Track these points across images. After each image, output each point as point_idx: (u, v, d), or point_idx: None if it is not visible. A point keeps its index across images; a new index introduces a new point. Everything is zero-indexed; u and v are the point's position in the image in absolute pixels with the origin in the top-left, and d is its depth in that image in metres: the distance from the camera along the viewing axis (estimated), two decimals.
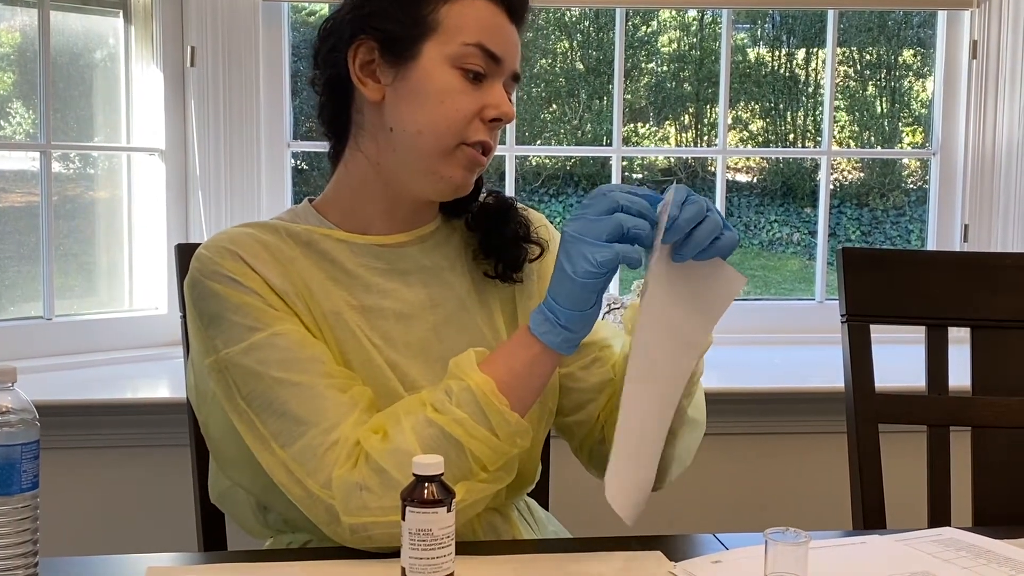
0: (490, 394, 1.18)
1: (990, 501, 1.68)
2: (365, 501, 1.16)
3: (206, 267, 1.26)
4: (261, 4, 2.50)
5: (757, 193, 6.99)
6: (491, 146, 1.32)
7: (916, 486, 1.74)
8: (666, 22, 6.86)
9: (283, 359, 1.22)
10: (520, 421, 1.20)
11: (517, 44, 1.33)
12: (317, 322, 1.28)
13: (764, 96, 6.98)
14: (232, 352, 1.23)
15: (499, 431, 1.18)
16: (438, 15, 1.28)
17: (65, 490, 2.18)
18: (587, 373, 1.43)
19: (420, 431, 1.17)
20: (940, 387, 1.70)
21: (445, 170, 1.30)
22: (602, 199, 1.16)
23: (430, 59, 1.28)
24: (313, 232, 1.33)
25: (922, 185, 6.40)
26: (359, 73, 1.31)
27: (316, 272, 1.31)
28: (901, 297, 1.72)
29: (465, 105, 1.28)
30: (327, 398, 1.21)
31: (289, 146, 2.61)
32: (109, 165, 2.62)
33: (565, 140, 6.73)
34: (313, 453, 1.18)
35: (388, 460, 1.16)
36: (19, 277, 2.50)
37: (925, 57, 6.30)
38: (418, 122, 1.28)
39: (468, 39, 1.27)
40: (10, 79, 2.57)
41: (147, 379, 2.35)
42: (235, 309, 1.24)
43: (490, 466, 1.20)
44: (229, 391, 1.23)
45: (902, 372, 2.01)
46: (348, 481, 1.17)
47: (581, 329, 1.20)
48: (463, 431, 1.17)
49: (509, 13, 1.31)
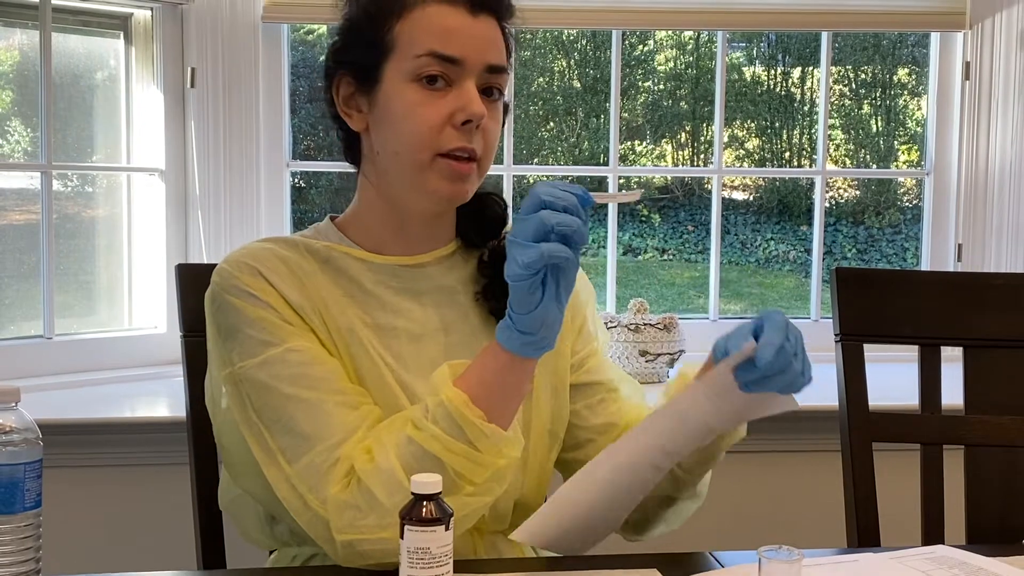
0: (463, 407, 1.18)
1: (983, 519, 1.69)
2: (353, 519, 1.18)
3: (226, 281, 1.28)
4: (261, 25, 2.52)
5: (753, 211, 7.01)
6: (473, 150, 1.29)
7: (910, 504, 1.75)
8: (662, 41, 6.89)
9: (295, 374, 1.24)
10: (498, 431, 1.19)
11: (485, 36, 1.30)
12: (332, 338, 1.30)
13: (760, 114, 7.02)
14: (247, 366, 1.25)
15: (478, 444, 1.18)
16: (392, 34, 1.29)
17: (67, 508, 2.18)
18: (591, 413, 1.44)
19: (401, 450, 1.19)
20: (933, 406, 1.71)
21: (429, 184, 1.30)
22: (529, 197, 1.14)
23: (391, 79, 1.29)
24: (333, 249, 1.35)
25: (917, 203, 6.42)
26: (343, 108, 1.34)
27: (333, 288, 1.32)
28: (894, 316, 1.73)
29: (430, 116, 1.27)
30: (334, 415, 1.22)
31: (288, 166, 2.63)
32: (109, 184, 2.63)
33: (562, 158, 6.75)
34: (316, 470, 1.20)
35: (372, 480, 1.18)
36: (19, 296, 2.51)
37: (920, 76, 6.34)
38: (393, 143, 1.30)
39: (419, 50, 1.27)
40: (8, 97, 2.59)
41: (147, 398, 2.36)
42: (251, 323, 1.26)
43: (476, 479, 1.19)
44: (242, 403, 1.25)
45: (896, 391, 2.02)
46: (340, 500, 1.18)
47: (538, 330, 1.17)
48: (441, 447, 1.17)
49: (470, 8, 1.29)
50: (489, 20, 1.31)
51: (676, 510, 1.42)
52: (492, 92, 1.31)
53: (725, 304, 6.30)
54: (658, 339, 2.46)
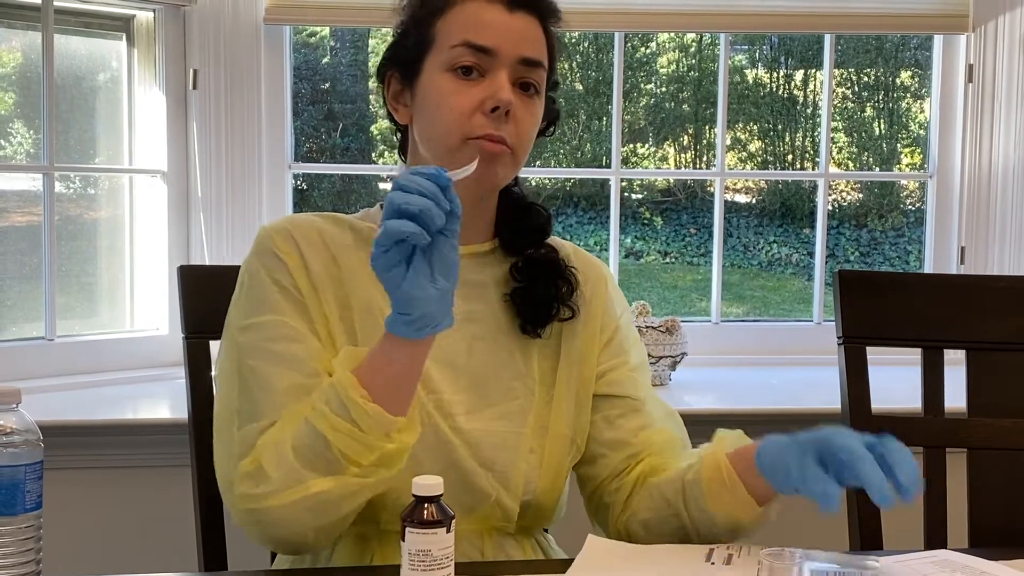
0: (349, 387, 1.20)
1: (986, 522, 1.68)
2: (246, 489, 1.23)
3: (259, 240, 1.36)
4: (263, 27, 2.52)
5: (756, 214, 7.01)
6: (502, 137, 1.31)
7: (912, 507, 1.74)
8: (664, 43, 6.89)
9: (268, 348, 1.29)
10: (382, 413, 1.19)
11: (520, 31, 1.34)
12: (352, 306, 1.34)
13: (762, 117, 7.02)
14: (236, 324, 1.33)
15: (361, 423, 1.19)
16: (434, 30, 1.34)
17: (67, 510, 2.18)
18: (607, 426, 1.43)
19: (296, 426, 1.23)
20: (936, 409, 1.71)
21: (459, 164, 1.29)
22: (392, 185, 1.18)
23: (429, 72, 1.34)
24: (375, 229, 1.36)
25: (920, 206, 6.42)
26: (392, 103, 1.40)
27: (364, 263, 1.31)
28: (897, 319, 1.73)
29: (460, 103, 1.31)
30: (282, 399, 1.26)
31: (290, 167, 2.63)
32: (111, 186, 2.63)
33: (564, 161, 6.76)
34: (248, 441, 1.25)
35: (265, 454, 1.23)
36: (21, 297, 2.51)
37: (923, 78, 6.34)
38: (428, 130, 1.35)
39: (454, 41, 1.32)
40: (11, 99, 2.59)
41: (148, 399, 2.36)
42: (257, 286, 1.33)
43: (361, 460, 1.20)
44: (226, 355, 1.33)
45: (898, 394, 2.02)
46: (242, 470, 1.24)
47: (411, 309, 1.17)
48: (327, 425, 1.20)
49: (508, 4, 1.33)
50: (527, 17, 1.35)
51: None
52: (528, 87, 1.35)
53: (727, 307, 6.30)
54: (660, 342, 2.46)
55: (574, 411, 1.41)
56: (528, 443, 1.37)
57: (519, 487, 1.35)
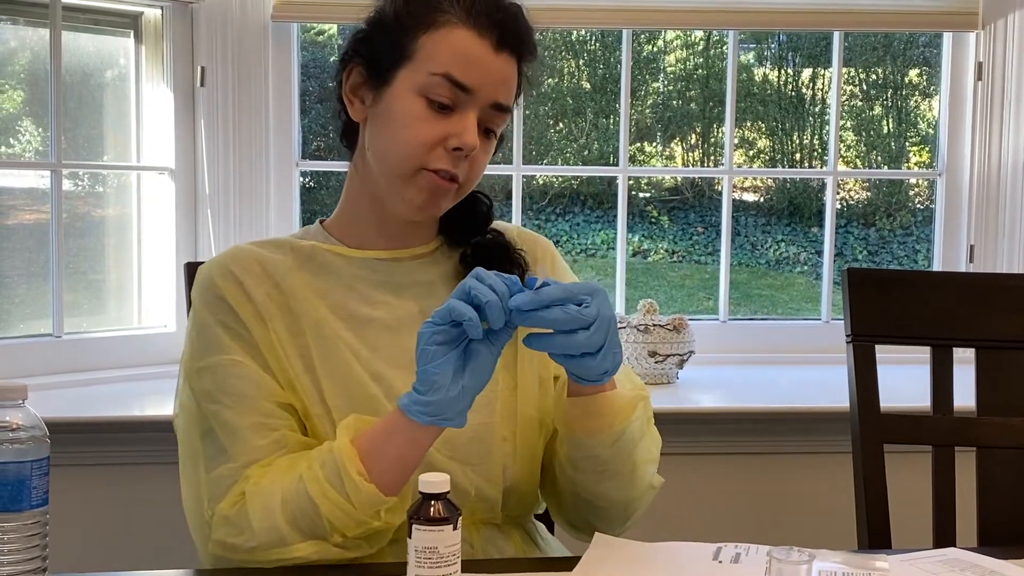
0: (347, 460, 1.21)
1: (995, 521, 1.68)
2: (226, 535, 1.25)
3: (201, 284, 1.36)
4: (271, 24, 2.52)
5: (764, 212, 7.00)
6: (456, 175, 1.32)
7: (921, 506, 1.74)
8: (672, 42, 6.88)
9: (224, 389, 1.31)
10: (374, 492, 1.20)
11: (502, 73, 1.32)
12: (302, 329, 1.34)
13: (770, 115, 7.00)
14: (192, 367, 1.34)
15: (352, 498, 1.20)
16: (416, 43, 1.31)
17: (74, 507, 2.18)
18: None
19: (287, 484, 1.23)
20: (945, 407, 1.70)
21: (407, 193, 1.33)
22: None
23: (401, 86, 1.31)
24: (317, 247, 1.40)
25: (929, 205, 6.41)
26: (349, 94, 1.37)
27: (309, 283, 1.36)
28: (906, 317, 1.73)
29: (426, 133, 1.30)
30: (246, 438, 1.28)
31: (298, 165, 2.62)
32: (119, 183, 2.63)
33: (572, 159, 6.75)
34: (220, 484, 1.27)
35: (253, 503, 1.24)
36: (28, 294, 2.51)
37: (931, 77, 6.32)
38: (384, 145, 1.33)
39: (436, 69, 1.29)
40: (20, 97, 2.59)
41: (156, 396, 2.36)
42: (205, 328, 1.34)
43: (346, 531, 1.22)
44: (188, 399, 1.35)
45: (907, 392, 2.01)
46: (224, 515, 1.25)
47: (429, 392, 1.17)
48: (319, 491, 1.21)
49: (497, 43, 1.31)
50: (510, 59, 1.33)
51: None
52: (490, 133, 1.35)
53: (735, 306, 6.30)
54: (667, 340, 2.45)
55: (539, 393, 1.41)
56: (500, 432, 1.37)
57: (498, 477, 1.37)
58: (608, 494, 1.37)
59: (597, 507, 1.38)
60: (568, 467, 1.36)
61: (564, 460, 1.36)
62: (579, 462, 1.34)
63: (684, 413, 2.30)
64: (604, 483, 1.35)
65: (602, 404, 1.30)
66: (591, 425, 1.31)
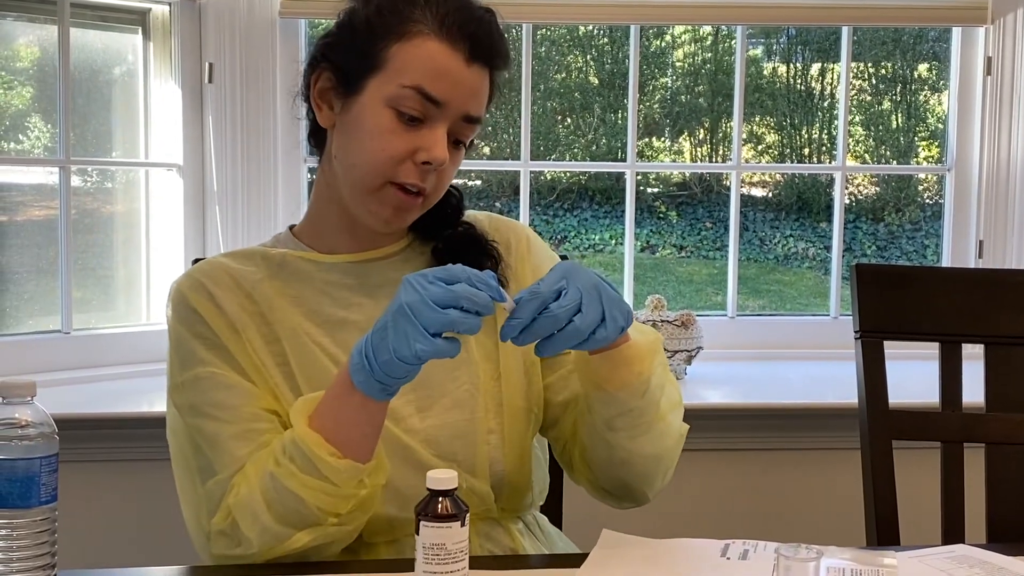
0: (315, 446, 1.20)
1: (1004, 517, 1.68)
2: (225, 548, 1.26)
3: (174, 300, 1.36)
4: (279, 20, 2.52)
5: (772, 207, 6.98)
6: (424, 188, 1.31)
7: (930, 502, 1.74)
8: (680, 36, 6.87)
9: (206, 401, 1.30)
10: (353, 466, 1.20)
11: (473, 86, 1.31)
12: (279, 338, 1.34)
13: (779, 110, 6.98)
14: (174, 383, 1.34)
15: (333, 478, 1.20)
16: (387, 53, 1.29)
17: (83, 503, 2.19)
18: (563, 387, 1.43)
19: (264, 485, 1.23)
20: (954, 404, 1.70)
21: (371, 206, 1.33)
22: (444, 270, 1.15)
23: (370, 96, 1.30)
24: (288, 255, 1.39)
25: (938, 200, 6.39)
26: (316, 99, 1.36)
27: (282, 291, 1.36)
28: (915, 314, 1.72)
29: (394, 146, 1.29)
30: (230, 449, 1.28)
31: (305, 161, 2.62)
32: (127, 180, 2.64)
33: (580, 154, 6.74)
34: (213, 497, 1.28)
35: (240, 513, 1.24)
36: (37, 291, 2.52)
37: (941, 71, 6.30)
38: (353, 155, 1.32)
39: (406, 81, 1.28)
40: (28, 94, 2.59)
41: (164, 393, 2.36)
42: (183, 342, 1.34)
43: (339, 511, 1.22)
44: (174, 415, 1.34)
45: (916, 388, 2.01)
46: (217, 529, 1.26)
47: (397, 382, 1.18)
48: (298, 483, 1.21)
49: (469, 55, 1.30)
50: (482, 71, 1.32)
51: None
52: (459, 144, 1.34)
53: (743, 301, 6.29)
54: (676, 336, 2.45)
55: (524, 381, 1.41)
56: (485, 425, 1.37)
57: (486, 471, 1.36)
58: (643, 450, 1.34)
59: (633, 466, 1.36)
60: (604, 429, 1.33)
61: (600, 423, 1.33)
62: (614, 420, 1.32)
63: (692, 409, 2.27)
64: (639, 438, 1.33)
65: (627, 354, 1.28)
66: (622, 377, 1.29)
